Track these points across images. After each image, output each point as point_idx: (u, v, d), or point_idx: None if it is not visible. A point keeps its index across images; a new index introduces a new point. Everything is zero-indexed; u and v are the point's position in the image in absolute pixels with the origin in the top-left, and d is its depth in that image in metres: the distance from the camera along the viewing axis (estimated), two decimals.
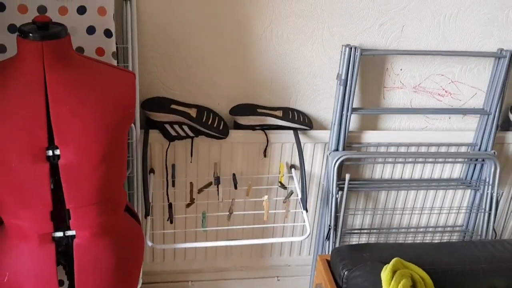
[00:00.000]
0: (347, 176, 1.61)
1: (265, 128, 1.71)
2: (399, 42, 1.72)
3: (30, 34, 0.98)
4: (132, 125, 1.52)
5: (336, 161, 1.68)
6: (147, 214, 1.55)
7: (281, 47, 1.67)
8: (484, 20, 1.73)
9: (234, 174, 1.73)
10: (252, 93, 1.73)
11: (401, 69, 1.78)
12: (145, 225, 1.52)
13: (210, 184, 1.69)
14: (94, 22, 1.31)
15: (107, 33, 1.34)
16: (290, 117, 1.70)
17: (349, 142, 1.78)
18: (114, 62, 1.38)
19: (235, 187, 1.69)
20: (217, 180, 1.66)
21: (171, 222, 1.59)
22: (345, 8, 1.64)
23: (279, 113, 1.71)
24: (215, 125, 1.63)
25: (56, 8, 1.27)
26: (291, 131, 1.72)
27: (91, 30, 1.32)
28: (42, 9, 1.26)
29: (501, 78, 1.72)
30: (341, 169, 1.76)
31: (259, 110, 1.70)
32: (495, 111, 1.77)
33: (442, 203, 1.95)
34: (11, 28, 1.25)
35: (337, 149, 1.73)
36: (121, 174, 1.19)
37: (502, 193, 1.89)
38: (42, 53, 0.99)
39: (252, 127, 1.69)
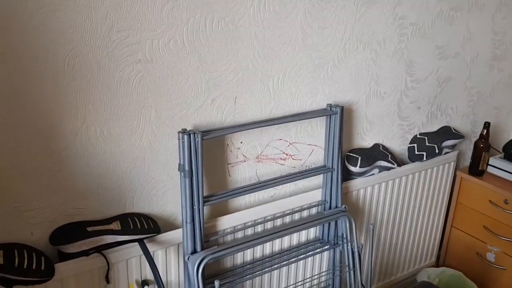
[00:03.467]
0: (217, 284, 1.36)
1: (102, 248, 1.35)
2: (234, 115, 1.57)
3: None
4: None
5: (198, 266, 1.41)
6: None
7: (102, 145, 1.34)
8: (308, 79, 1.71)
9: None
10: (75, 208, 1.35)
11: (241, 142, 1.63)
12: None
13: None
14: None
15: None
16: (132, 227, 1.38)
17: (204, 235, 1.54)
18: None
19: None
20: None
21: None
22: (172, 89, 1.41)
23: (116, 225, 1.37)
24: (33, 266, 1.21)
25: None
26: (136, 243, 1.40)
27: None
28: None
29: (337, 133, 1.72)
30: (204, 271, 1.51)
31: (90, 229, 1.33)
32: (337, 166, 1.75)
33: (307, 271, 1.86)
34: None
35: (195, 251, 1.47)
36: None
37: (362, 245, 1.89)
38: None
39: (86, 253, 1.32)
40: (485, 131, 2.23)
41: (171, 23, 1.34)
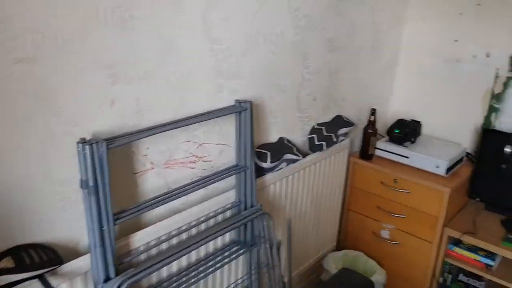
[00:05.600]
0: None
1: None
2: (138, 118, 1.39)
3: None
4: None
5: None
6: None
7: None
8: (213, 75, 1.60)
9: None
10: None
11: (147, 148, 1.46)
12: None
13: None
14: None
15: None
16: (29, 262, 1.13)
17: (116, 257, 1.34)
18: None
19: None
20: None
21: None
22: (62, 91, 1.18)
23: (8, 262, 1.11)
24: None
25: None
26: (35, 280, 1.15)
27: None
28: None
29: (248, 129, 1.64)
30: None
31: None
32: (251, 164, 1.68)
33: (226, 278, 1.76)
34: None
35: (108, 278, 1.27)
36: None
37: (280, 241, 1.84)
38: None
39: None
40: (372, 117, 2.35)
41: (56, 13, 1.12)
